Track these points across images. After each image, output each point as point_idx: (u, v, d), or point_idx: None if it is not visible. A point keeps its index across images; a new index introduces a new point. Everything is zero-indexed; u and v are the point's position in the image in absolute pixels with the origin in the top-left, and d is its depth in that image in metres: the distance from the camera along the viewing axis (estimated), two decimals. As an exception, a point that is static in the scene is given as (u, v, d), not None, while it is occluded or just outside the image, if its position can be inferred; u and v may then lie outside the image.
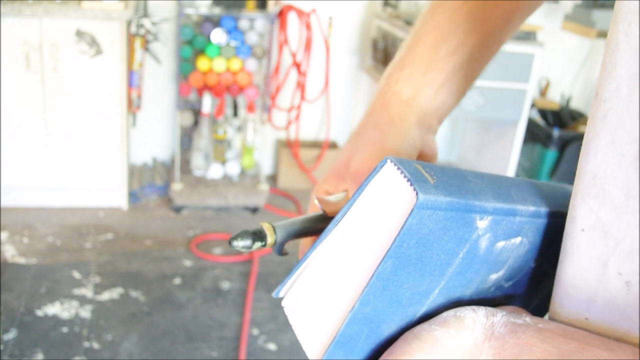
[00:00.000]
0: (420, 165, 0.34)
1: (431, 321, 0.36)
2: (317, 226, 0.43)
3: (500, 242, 0.37)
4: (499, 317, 0.35)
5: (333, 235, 0.36)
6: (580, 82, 3.63)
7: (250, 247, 0.38)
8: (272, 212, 3.07)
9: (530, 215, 0.38)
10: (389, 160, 0.34)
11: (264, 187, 3.07)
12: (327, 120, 3.35)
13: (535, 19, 3.33)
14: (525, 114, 2.89)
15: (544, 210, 0.38)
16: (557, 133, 3.14)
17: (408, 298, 0.35)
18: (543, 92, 3.54)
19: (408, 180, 0.32)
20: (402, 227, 0.32)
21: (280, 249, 0.41)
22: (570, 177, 3.16)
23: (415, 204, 0.31)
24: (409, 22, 2.77)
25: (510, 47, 2.73)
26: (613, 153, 0.32)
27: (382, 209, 0.34)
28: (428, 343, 0.34)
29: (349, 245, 0.35)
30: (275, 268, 2.58)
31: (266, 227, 0.39)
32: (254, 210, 3.04)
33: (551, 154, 3.17)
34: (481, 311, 0.36)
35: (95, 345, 2.01)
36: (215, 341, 2.10)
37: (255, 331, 2.17)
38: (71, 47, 2.60)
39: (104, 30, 2.61)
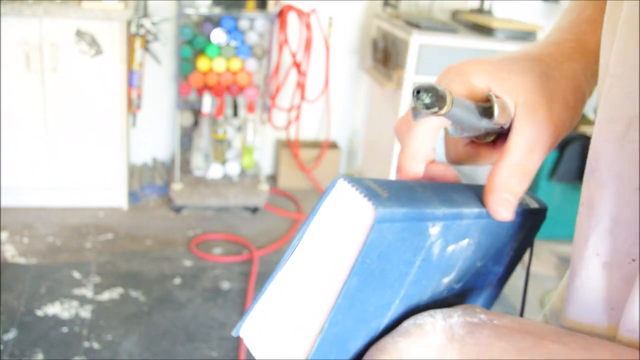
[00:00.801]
0: (371, 181, 0.35)
1: (393, 333, 0.36)
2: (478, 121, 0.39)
3: (450, 246, 0.38)
4: (455, 318, 0.36)
5: (293, 260, 0.36)
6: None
7: (428, 107, 0.34)
8: (272, 212, 3.07)
9: (475, 216, 0.39)
10: (341, 179, 0.34)
11: (264, 187, 3.07)
12: (327, 120, 3.35)
13: (535, 19, 3.33)
14: (525, 114, 2.88)
15: (485, 210, 0.39)
16: (557, 133, 3.14)
17: (372, 313, 0.35)
18: (543, 92, 3.54)
19: (365, 196, 0.33)
20: (365, 242, 0.32)
21: (454, 129, 0.39)
22: (570, 177, 3.16)
23: (375, 218, 0.32)
24: (409, 22, 2.77)
25: (510, 47, 2.73)
26: (607, 129, 0.32)
27: (339, 227, 0.34)
28: (394, 355, 0.35)
29: (309, 268, 0.35)
30: (275, 268, 2.58)
31: (448, 94, 0.35)
32: (254, 210, 3.05)
33: (551, 154, 3.17)
34: (438, 315, 0.36)
35: (95, 345, 2.01)
36: (215, 341, 2.10)
37: (255, 331, 2.17)
38: (71, 47, 2.60)
39: (104, 30, 2.61)
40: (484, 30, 2.79)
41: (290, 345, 0.35)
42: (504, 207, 0.38)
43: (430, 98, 0.34)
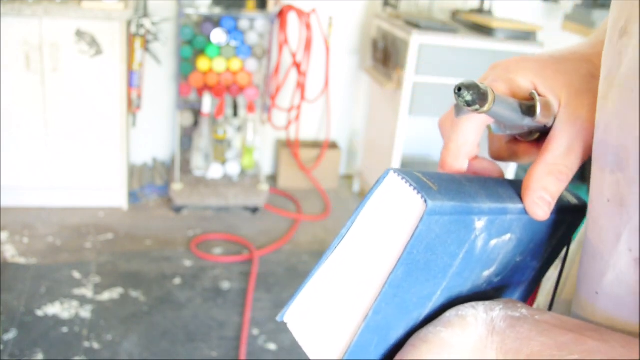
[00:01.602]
0: (420, 174, 0.35)
1: (435, 323, 0.37)
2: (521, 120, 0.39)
3: (493, 240, 0.39)
4: (497, 311, 0.36)
5: (340, 249, 0.37)
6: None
7: (469, 105, 0.34)
8: (272, 212, 3.07)
9: (518, 212, 0.39)
10: (391, 171, 0.35)
11: (264, 187, 3.07)
12: (327, 120, 3.35)
13: (535, 19, 3.33)
14: (525, 114, 2.88)
15: None
16: (557, 133, 3.14)
17: (414, 303, 0.36)
18: (543, 92, 3.53)
19: (414, 189, 0.33)
20: (413, 234, 0.33)
21: (497, 127, 0.39)
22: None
23: (425, 211, 0.32)
24: (409, 22, 2.77)
25: (510, 47, 2.73)
26: (635, 126, 0.32)
27: (389, 218, 0.35)
28: (436, 345, 0.35)
29: (357, 257, 0.36)
30: (275, 268, 2.58)
31: (490, 92, 0.35)
32: (254, 210, 3.05)
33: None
34: (480, 307, 0.37)
35: (95, 345, 2.01)
36: (215, 341, 2.10)
37: (255, 331, 2.17)
38: (71, 47, 2.60)
39: (104, 30, 2.61)
40: (484, 30, 2.79)
41: (333, 331, 0.36)
42: (539, 206, 0.39)
43: (472, 95, 0.34)
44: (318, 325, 0.37)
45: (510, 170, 3.03)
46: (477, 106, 0.34)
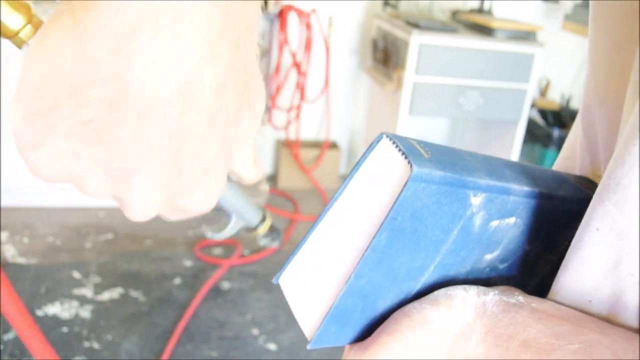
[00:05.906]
0: (415, 141, 0.35)
1: (422, 300, 0.36)
2: None
3: (494, 221, 0.37)
4: (490, 295, 0.35)
5: (331, 212, 0.37)
6: (580, 82, 3.63)
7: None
8: (272, 212, 3.07)
9: (524, 195, 0.38)
10: (384, 136, 0.35)
11: (264, 187, 3.06)
12: (327, 120, 3.35)
13: (535, 19, 3.33)
14: (525, 114, 2.89)
15: (538, 191, 0.38)
16: (557, 133, 3.15)
17: (403, 274, 0.36)
18: (543, 92, 3.54)
19: (403, 154, 0.33)
20: (397, 199, 0.32)
21: None
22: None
23: (409, 176, 0.32)
24: (409, 22, 2.77)
25: (510, 47, 2.73)
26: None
27: (378, 183, 0.34)
28: (418, 321, 0.35)
29: (346, 221, 0.36)
30: (275, 268, 2.58)
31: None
32: (254, 210, 3.04)
33: (551, 154, 3.17)
34: (472, 290, 0.36)
35: (95, 345, 2.01)
36: (215, 341, 2.10)
37: (255, 331, 2.17)
38: (71, 47, 2.60)
39: (104, 31, 2.61)
40: (484, 30, 2.79)
41: (320, 294, 0.36)
42: None
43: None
44: (307, 288, 0.37)
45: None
46: None
